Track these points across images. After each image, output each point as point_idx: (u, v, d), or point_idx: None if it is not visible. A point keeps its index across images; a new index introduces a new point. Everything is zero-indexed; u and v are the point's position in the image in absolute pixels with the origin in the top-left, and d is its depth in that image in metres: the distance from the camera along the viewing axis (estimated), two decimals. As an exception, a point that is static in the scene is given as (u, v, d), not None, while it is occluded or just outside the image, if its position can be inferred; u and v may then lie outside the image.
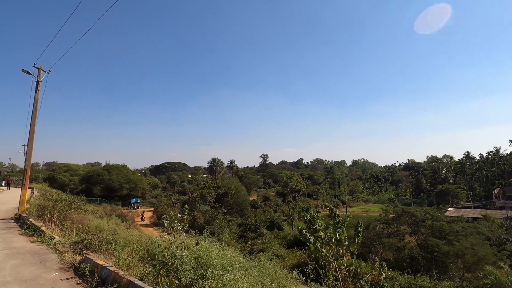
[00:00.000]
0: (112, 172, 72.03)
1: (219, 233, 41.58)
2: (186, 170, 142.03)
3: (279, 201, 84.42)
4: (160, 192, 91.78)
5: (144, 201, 75.31)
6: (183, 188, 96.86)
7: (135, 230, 33.61)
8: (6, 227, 11.37)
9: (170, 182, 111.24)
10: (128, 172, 77.23)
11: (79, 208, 12.61)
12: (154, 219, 51.07)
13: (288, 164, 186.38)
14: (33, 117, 13.93)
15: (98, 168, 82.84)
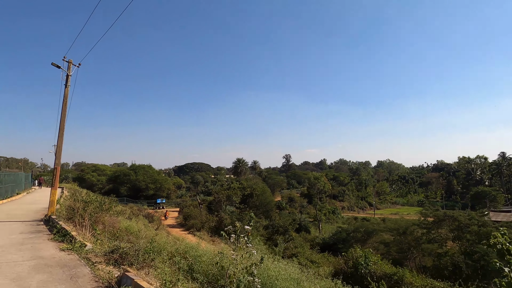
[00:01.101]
0: (138, 172, 72.59)
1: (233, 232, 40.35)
2: (209, 171, 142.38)
3: (304, 203, 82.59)
4: (185, 192, 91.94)
5: (169, 201, 75.44)
6: (207, 189, 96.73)
7: (163, 231, 33.02)
8: (35, 230, 10.57)
9: (194, 182, 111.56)
10: (153, 173, 77.69)
11: (110, 210, 11.69)
12: (180, 220, 50.59)
13: (311, 165, 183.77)
14: (63, 113, 13.19)
15: (124, 168, 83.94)
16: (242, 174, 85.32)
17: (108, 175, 78.50)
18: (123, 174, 73.57)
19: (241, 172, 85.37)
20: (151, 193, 73.40)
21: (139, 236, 18.01)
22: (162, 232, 31.28)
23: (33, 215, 15.44)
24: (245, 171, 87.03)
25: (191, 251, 9.85)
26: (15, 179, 29.12)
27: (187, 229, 43.82)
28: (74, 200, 11.58)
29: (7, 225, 11.86)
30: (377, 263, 22.24)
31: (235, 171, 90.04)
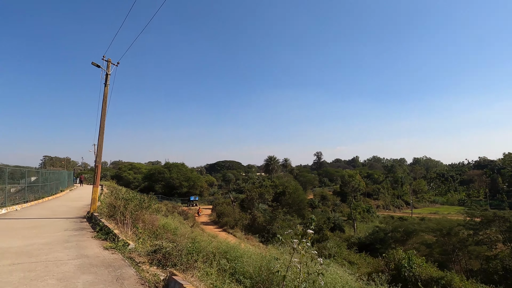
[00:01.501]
0: (172, 170, 74.17)
1: (280, 233, 39.93)
2: (239, 169, 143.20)
3: (337, 201, 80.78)
4: (217, 190, 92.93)
5: (202, 198, 76.51)
6: (238, 186, 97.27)
7: (198, 229, 33.30)
8: (79, 227, 10.70)
9: (225, 180, 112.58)
10: (186, 170, 79.09)
11: (149, 207, 11.63)
12: (214, 217, 51.02)
13: (343, 163, 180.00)
14: (103, 112, 13.37)
15: (159, 167, 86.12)
16: (273, 172, 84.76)
17: (143, 173, 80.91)
18: (158, 172, 75.48)
19: (273, 170, 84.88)
20: (185, 190, 74.78)
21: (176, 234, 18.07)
22: (197, 230, 31.53)
23: (76, 212, 15.86)
24: (276, 169, 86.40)
25: (232, 251, 9.53)
26: (59, 177, 30.46)
27: (221, 226, 44.06)
28: (115, 197, 11.64)
29: (53, 221, 12.17)
30: (421, 266, 20.95)
31: (267, 169, 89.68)
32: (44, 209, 17.24)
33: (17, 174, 20.29)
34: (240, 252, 9.62)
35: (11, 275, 5.26)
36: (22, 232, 9.70)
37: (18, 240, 8.35)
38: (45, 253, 6.93)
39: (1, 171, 17.52)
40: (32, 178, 23.24)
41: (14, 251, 7.13)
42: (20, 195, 19.80)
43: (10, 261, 6.19)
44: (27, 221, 12.16)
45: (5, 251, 7.07)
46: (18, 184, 20.58)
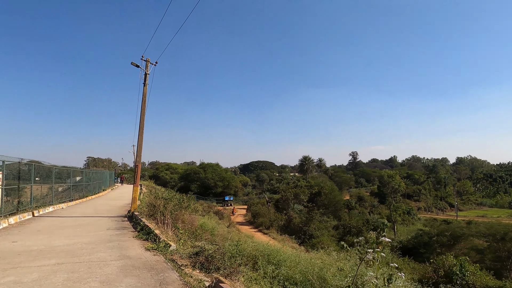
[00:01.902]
0: (207, 171, 75.22)
1: (317, 235, 38.99)
2: (273, 169, 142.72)
3: (375, 202, 77.95)
4: (251, 190, 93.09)
5: (236, 198, 76.91)
6: (272, 186, 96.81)
7: (233, 228, 33.21)
8: (121, 226, 10.72)
9: (259, 180, 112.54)
10: (221, 171, 79.89)
11: (189, 207, 11.46)
12: (249, 217, 50.96)
13: (379, 162, 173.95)
14: (142, 111, 13.44)
15: (195, 167, 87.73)
16: (308, 172, 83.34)
17: (179, 173, 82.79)
18: (193, 172, 76.87)
19: (307, 170, 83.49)
20: (220, 190, 75.53)
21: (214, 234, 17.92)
22: (233, 230, 31.44)
23: (117, 210, 16.14)
24: (311, 169, 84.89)
25: (274, 254, 9.04)
26: (101, 177, 31.63)
27: (256, 227, 43.84)
28: (155, 197, 11.58)
29: (96, 220, 12.36)
30: (476, 274, 19.30)
31: (301, 169, 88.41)
32: (88, 207, 17.77)
33: (63, 174, 21.15)
34: (283, 255, 9.12)
35: (55, 276, 5.13)
36: (67, 230, 9.84)
37: (64, 239, 8.41)
38: (88, 252, 6.84)
39: (49, 171, 18.29)
40: (77, 178, 24.18)
41: (59, 249, 7.12)
42: (66, 194, 20.61)
43: (55, 261, 6.12)
44: (71, 220, 12.45)
45: (52, 250, 7.08)
46: (64, 184, 21.48)
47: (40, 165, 17.51)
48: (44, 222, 11.73)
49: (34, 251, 6.95)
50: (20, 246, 7.48)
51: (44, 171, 17.87)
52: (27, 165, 15.37)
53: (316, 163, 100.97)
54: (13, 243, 7.81)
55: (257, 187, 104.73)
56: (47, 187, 18.29)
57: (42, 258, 6.30)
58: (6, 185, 15.52)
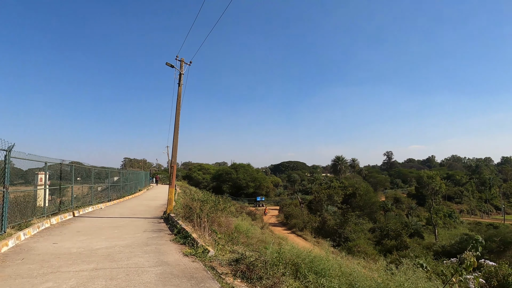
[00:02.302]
0: (239, 171, 75.49)
1: (353, 238, 37.65)
2: (304, 169, 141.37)
3: (413, 204, 74.68)
4: (283, 191, 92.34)
5: (268, 199, 76.52)
6: (304, 187, 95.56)
7: (267, 230, 32.78)
8: (157, 228, 10.58)
9: (290, 181, 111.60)
10: (252, 171, 79.89)
11: (225, 209, 11.12)
12: (281, 218, 50.38)
13: (416, 163, 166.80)
14: (177, 112, 13.33)
15: (226, 167, 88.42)
16: (341, 172, 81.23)
17: (212, 174, 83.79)
18: (225, 172, 77.44)
19: (340, 171, 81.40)
20: (251, 191, 75.53)
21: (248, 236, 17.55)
22: (267, 232, 31.03)
23: (153, 211, 16.19)
24: (344, 170, 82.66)
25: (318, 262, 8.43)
26: (137, 177, 32.37)
27: (289, 228, 43.18)
28: (191, 199, 11.34)
29: (133, 221, 12.36)
30: (536, 286, 17.44)
31: (334, 170, 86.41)
32: (125, 208, 18.02)
33: (102, 175, 21.72)
34: (328, 263, 8.49)
35: (93, 283, 4.90)
36: (106, 232, 9.81)
37: (102, 241, 8.32)
38: (126, 257, 6.63)
39: (89, 171, 18.79)
40: (114, 178, 24.79)
41: (98, 253, 6.99)
42: (105, 194, 21.13)
43: (94, 266, 5.93)
44: (109, 220, 12.54)
45: (90, 253, 6.95)
46: (103, 184, 22.08)
47: (80, 166, 18.01)
48: (83, 223, 11.87)
49: (73, 254, 6.85)
50: (60, 248, 7.44)
51: (84, 172, 18.37)
52: (69, 166, 15.77)
53: (349, 163, 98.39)
54: (54, 245, 7.81)
55: (288, 187, 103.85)
56: (87, 187, 18.79)
57: (81, 262, 6.15)
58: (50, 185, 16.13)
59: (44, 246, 7.66)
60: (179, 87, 13.40)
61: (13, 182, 10.84)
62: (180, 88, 13.43)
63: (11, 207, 9.81)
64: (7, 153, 8.36)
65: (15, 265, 5.95)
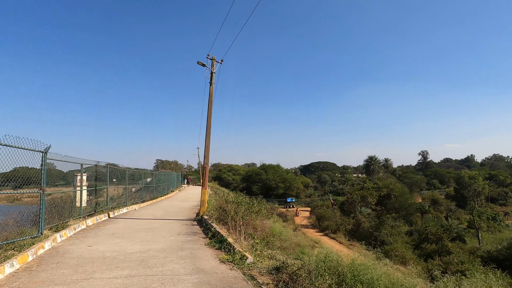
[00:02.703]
0: (268, 172, 74.98)
1: (389, 241, 35.99)
2: (334, 170, 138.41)
3: (452, 206, 70.77)
4: (313, 192, 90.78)
5: (298, 200, 75.42)
6: (335, 188, 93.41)
7: (299, 232, 32.03)
8: (191, 231, 10.27)
9: (320, 182, 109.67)
10: (282, 172, 79.11)
11: (260, 212, 10.63)
12: (313, 220, 49.26)
13: (454, 162, 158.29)
14: (209, 111, 13.03)
15: (256, 168, 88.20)
16: (374, 173, 78.49)
17: (241, 175, 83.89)
18: (255, 173, 77.20)
19: (374, 171, 78.61)
20: (281, 192, 74.75)
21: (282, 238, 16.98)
22: (299, 234, 30.27)
23: (186, 213, 16.03)
24: (378, 170, 79.81)
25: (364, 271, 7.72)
26: (169, 178, 32.70)
27: (321, 230, 42.07)
28: (225, 200, 10.95)
29: (166, 223, 12.17)
30: None
31: (367, 170, 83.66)
32: (158, 209, 18.04)
33: (136, 176, 22.01)
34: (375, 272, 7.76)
35: (127, 293, 4.55)
36: (140, 234, 9.63)
37: (136, 244, 8.10)
38: (161, 263, 6.29)
39: (123, 173, 19.02)
40: (148, 179, 25.08)
41: (133, 258, 6.72)
42: (138, 195, 21.37)
43: (127, 272, 5.63)
44: (143, 222, 12.43)
45: (124, 258, 6.70)
46: (137, 185, 22.38)
47: (115, 167, 18.25)
48: (118, 224, 11.83)
49: (107, 259, 6.62)
50: (94, 252, 7.26)
51: (119, 173, 18.60)
52: (105, 167, 15.96)
53: (382, 164, 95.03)
54: (89, 248, 7.66)
55: (318, 188, 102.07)
56: (122, 188, 19.02)
57: (115, 268, 5.87)
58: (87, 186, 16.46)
59: (79, 249, 7.52)
60: (210, 86, 13.12)
61: (54, 183, 11.04)
62: (212, 87, 13.13)
63: (49, 209, 9.89)
64: (43, 155, 8.35)
65: (49, 270, 5.77)
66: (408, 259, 30.76)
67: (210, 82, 13.17)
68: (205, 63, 13.18)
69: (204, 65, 13.18)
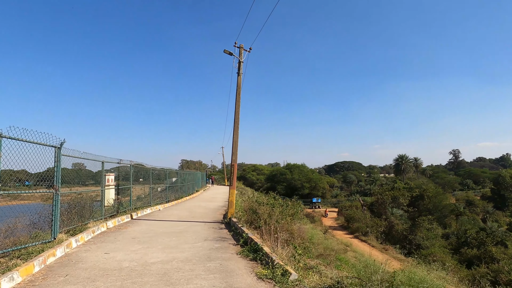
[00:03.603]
0: (293, 172, 73.42)
1: (426, 245, 33.68)
2: (360, 169, 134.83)
3: (489, 207, 66.56)
4: (340, 192, 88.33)
5: (324, 200, 73.40)
6: (361, 188, 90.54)
7: (329, 235, 30.45)
8: (219, 236, 9.16)
9: (346, 182, 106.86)
10: (307, 171, 77.29)
11: (296, 215, 9.40)
12: (341, 222, 47.35)
13: (488, 162, 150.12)
14: (237, 104, 11.92)
15: (280, 168, 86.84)
16: (405, 172, 75.04)
17: (266, 174, 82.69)
18: (280, 173, 75.80)
19: (404, 171, 75.16)
20: (307, 192, 72.97)
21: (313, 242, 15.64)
22: (329, 237, 28.73)
23: (212, 214, 15.04)
24: (408, 169, 76.26)
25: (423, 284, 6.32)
26: (194, 178, 32.03)
27: (351, 232, 40.16)
28: (256, 202, 9.77)
29: (191, 226, 11.18)
30: None
31: (397, 169, 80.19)
32: (183, 209, 17.18)
33: (161, 175, 21.38)
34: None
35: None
36: (163, 239, 8.64)
37: (158, 252, 7.08)
38: (186, 278, 5.19)
39: (147, 172, 18.31)
40: (173, 179, 24.46)
41: (154, 270, 5.67)
42: (163, 194, 20.68)
43: (146, 291, 4.57)
44: (167, 224, 11.49)
45: (144, 270, 5.66)
46: (162, 184, 21.75)
47: (140, 166, 17.61)
48: (140, 226, 10.96)
49: (123, 270, 5.61)
50: (110, 261, 6.29)
51: (144, 172, 17.93)
52: (130, 167, 15.26)
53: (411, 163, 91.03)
54: (105, 256, 6.71)
55: (344, 188, 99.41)
56: (147, 188, 18.34)
57: (131, 285, 4.82)
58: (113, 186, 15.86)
59: (94, 257, 6.59)
60: (238, 77, 12.01)
61: (84, 182, 10.49)
62: (240, 77, 12.02)
63: (68, 209, 9.14)
64: (57, 150, 7.49)
65: (55, 284, 4.82)
66: (448, 265, 28.51)
67: (238, 72, 12.07)
68: (232, 52, 12.08)
69: (231, 54, 12.08)
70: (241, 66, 12.14)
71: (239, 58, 12.18)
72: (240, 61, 12.15)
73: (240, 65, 12.14)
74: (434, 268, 10.34)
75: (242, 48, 12.29)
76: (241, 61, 12.15)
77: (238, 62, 12.17)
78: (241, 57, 12.20)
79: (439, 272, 10.66)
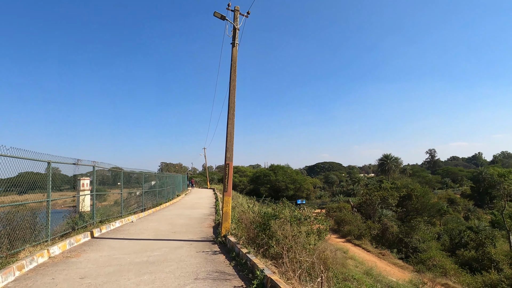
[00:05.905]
0: (277, 173, 70.87)
1: (423, 248, 31.78)
2: (340, 170, 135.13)
3: (470, 205, 66.87)
4: (324, 193, 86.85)
5: (308, 202, 71.31)
6: (343, 188, 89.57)
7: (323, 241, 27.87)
8: (215, 271, 6.11)
9: (328, 182, 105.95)
10: (292, 173, 75.01)
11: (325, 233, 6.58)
12: (331, 224, 45.11)
13: (461, 160, 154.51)
14: (232, 84, 8.98)
15: (264, 169, 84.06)
16: (390, 172, 74.10)
17: (249, 176, 79.79)
18: (263, 174, 73.12)
19: (389, 170, 74.19)
20: (291, 193, 70.60)
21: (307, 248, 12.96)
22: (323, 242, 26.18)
23: (198, 226, 12.06)
24: (394, 169, 75.39)
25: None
26: (175, 182, 28.81)
27: (343, 236, 37.87)
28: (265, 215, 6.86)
29: (173, 250, 8.08)
30: None
31: (382, 169, 79.20)
32: (161, 220, 14.03)
33: (140, 179, 18.29)
34: None
35: None
36: (128, 279, 5.59)
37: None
38: None
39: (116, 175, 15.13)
40: (152, 183, 21.47)
41: None
42: (139, 200, 17.56)
43: None
44: (139, 247, 8.40)
45: None
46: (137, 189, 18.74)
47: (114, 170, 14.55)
48: (100, 252, 7.81)
49: None
50: None
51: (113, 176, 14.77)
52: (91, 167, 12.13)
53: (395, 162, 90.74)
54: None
55: (326, 189, 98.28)
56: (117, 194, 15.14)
57: None
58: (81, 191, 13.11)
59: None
60: (233, 48, 9.08)
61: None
62: (235, 49, 9.09)
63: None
64: None
65: None
66: (448, 269, 26.65)
67: (233, 42, 9.14)
68: (225, 15, 9.13)
69: (224, 18, 9.09)
70: (236, 34, 9.19)
71: (234, 24, 9.26)
72: (236, 28, 9.23)
73: (235, 33, 9.20)
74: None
75: (238, 12, 9.34)
76: (236, 28, 9.22)
77: (233, 29, 9.26)
78: (237, 23, 9.28)
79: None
